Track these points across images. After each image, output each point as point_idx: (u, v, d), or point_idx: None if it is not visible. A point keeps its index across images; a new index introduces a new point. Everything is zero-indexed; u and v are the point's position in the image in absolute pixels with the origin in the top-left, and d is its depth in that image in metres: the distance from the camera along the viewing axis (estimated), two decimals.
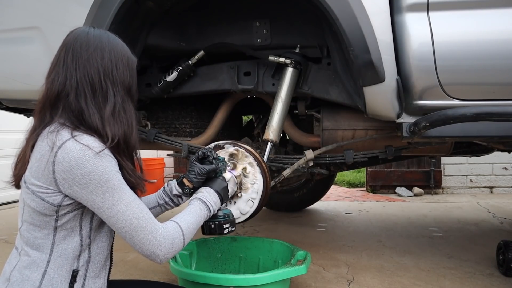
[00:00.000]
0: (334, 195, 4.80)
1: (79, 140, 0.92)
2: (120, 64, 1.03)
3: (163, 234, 0.98)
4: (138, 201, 0.98)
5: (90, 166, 0.91)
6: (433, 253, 2.41)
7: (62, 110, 0.98)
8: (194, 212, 1.12)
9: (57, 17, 1.75)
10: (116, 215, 0.94)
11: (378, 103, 1.62)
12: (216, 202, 1.21)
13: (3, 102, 2.13)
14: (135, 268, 2.19)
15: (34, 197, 0.94)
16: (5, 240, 2.84)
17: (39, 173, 0.93)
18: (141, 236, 0.96)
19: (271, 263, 1.84)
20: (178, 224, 1.03)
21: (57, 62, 1.01)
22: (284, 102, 1.83)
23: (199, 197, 1.18)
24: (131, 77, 1.06)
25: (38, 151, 0.95)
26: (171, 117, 2.32)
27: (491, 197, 4.52)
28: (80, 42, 1.00)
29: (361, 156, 1.97)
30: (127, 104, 1.04)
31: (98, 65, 0.99)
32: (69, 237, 0.97)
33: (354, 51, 1.51)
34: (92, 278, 1.00)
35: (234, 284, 1.43)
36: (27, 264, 0.96)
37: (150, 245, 0.96)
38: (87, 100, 0.97)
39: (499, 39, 1.49)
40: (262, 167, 1.59)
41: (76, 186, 0.92)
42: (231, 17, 1.95)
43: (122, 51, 1.05)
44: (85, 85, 0.98)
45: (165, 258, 0.99)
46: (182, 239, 1.02)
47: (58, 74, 0.99)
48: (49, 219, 0.95)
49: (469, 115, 1.43)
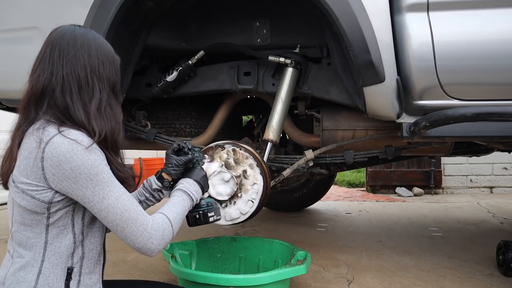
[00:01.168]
0: (334, 195, 4.80)
1: (66, 135, 0.92)
2: (106, 62, 1.04)
3: (153, 226, 0.99)
4: (128, 194, 0.99)
5: (79, 160, 0.91)
6: (433, 253, 2.41)
7: (47, 106, 0.98)
8: (178, 202, 1.12)
9: (57, 17, 1.75)
10: (107, 208, 0.94)
11: (378, 103, 1.62)
12: (197, 191, 1.20)
13: (3, 102, 2.13)
14: (135, 268, 2.19)
15: (24, 195, 0.93)
16: (5, 240, 2.84)
17: (27, 171, 0.93)
18: (132, 229, 0.96)
19: (271, 263, 1.84)
20: (165, 216, 1.04)
21: (43, 58, 1.00)
22: (284, 102, 1.83)
23: (180, 188, 1.18)
24: (116, 75, 1.07)
25: (25, 148, 0.94)
26: (171, 117, 2.32)
27: (491, 197, 4.52)
28: (67, 39, 1.00)
29: (361, 156, 1.97)
30: (113, 101, 1.05)
31: (85, 61, 1.00)
32: (61, 234, 0.97)
33: (354, 51, 1.51)
34: (87, 274, 1.00)
35: (234, 284, 1.43)
36: (21, 265, 0.95)
37: (142, 238, 0.96)
38: (73, 96, 0.98)
39: (499, 39, 1.49)
40: (262, 167, 1.59)
41: (66, 181, 0.92)
42: (231, 17, 1.95)
43: (108, 49, 1.06)
44: (71, 81, 0.98)
45: (157, 250, 0.99)
46: (171, 230, 1.03)
47: (44, 70, 0.99)
48: (41, 217, 0.95)
49: (469, 115, 1.43)
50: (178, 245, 1.79)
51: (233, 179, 1.57)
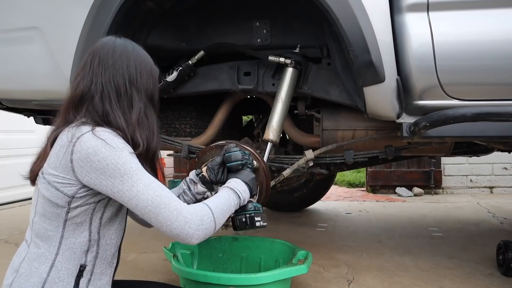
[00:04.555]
0: (334, 195, 4.80)
1: (98, 135, 0.95)
2: (144, 72, 1.07)
3: (189, 210, 0.97)
4: (159, 182, 0.99)
5: (107, 152, 0.93)
6: (433, 253, 2.41)
7: (86, 111, 1.02)
8: (222, 196, 1.12)
9: (57, 17, 1.75)
10: (137, 195, 0.94)
11: (378, 103, 1.62)
12: (245, 191, 1.19)
13: (3, 102, 2.13)
14: (135, 268, 2.19)
15: (49, 186, 0.96)
16: (5, 240, 2.84)
17: (57, 163, 0.96)
18: (166, 213, 0.95)
19: (272, 263, 1.84)
20: (205, 204, 1.04)
21: (84, 66, 1.06)
22: (284, 102, 1.83)
23: (227, 186, 1.17)
24: (154, 86, 1.10)
25: (58, 143, 0.98)
26: (171, 117, 2.32)
27: (491, 197, 4.52)
28: (107, 49, 1.05)
29: (361, 156, 1.97)
30: (150, 111, 1.08)
31: (123, 71, 1.04)
32: (77, 231, 0.98)
33: (354, 51, 1.51)
34: (98, 274, 1.02)
35: (236, 283, 1.43)
36: (36, 256, 0.98)
37: (177, 222, 0.95)
38: (112, 103, 1.02)
39: (499, 39, 1.49)
40: (262, 167, 1.59)
41: (94, 172, 0.93)
42: (231, 17, 1.95)
43: (146, 60, 1.10)
44: (110, 89, 1.02)
45: (196, 235, 0.97)
46: (211, 217, 1.01)
47: (84, 77, 1.04)
48: (61, 211, 0.97)
49: (469, 115, 1.43)
50: (180, 244, 1.79)
51: None
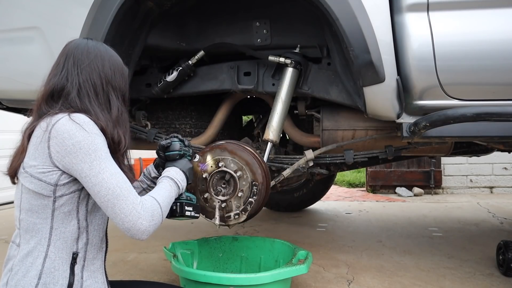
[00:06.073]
0: (334, 195, 4.80)
1: (74, 119, 0.98)
2: (117, 72, 1.13)
3: (143, 205, 1.01)
4: (123, 175, 1.02)
5: (81, 136, 0.97)
6: (433, 253, 2.41)
7: (62, 105, 1.04)
8: (165, 187, 1.16)
9: (57, 17, 1.75)
10: (100, 183, 0.97)
11: (378, 103, 1.62)
12: (183, 179, 1.24)
13: (3, 102, 2.13)
14: (135, 268, 2.19)
15: (32, 179, 0.98)
16: (5, 240, 2.84)
17: (36, 153, 0.99)
18: (122, 206, 0.97)
19: (272, 263, 1.84)
20: (154, 198, 1.07)
21: (57, 66, 1.09)
22: (284, 102, 1.83)
23: (167, 175, 1.21)
24: (125, 85, 1.16)
25: (35, 136, 1.01)
26: (171, 117, 2.32)
27: (491, 197, 4.52)
28: (81, 50, 1.09)
29: (361, 156, 1.97)
30: (124, 109, 1.14)
31: (99, 71, 1.09)
32: (66, 220, 1.01)
33: (354, 51, 1.51)
34: (91, 259, 1.06)
35: (236, 283, 1.43)
36: (28, 251, 1.00)
37: (131, 216, 0.98)
38: (91, 100, 1.06)
39: (499, 39, 1.49)
40: (262, 167, 1.59)
41: (68, 156, 0.96)
42: (231, 17, 1.95)
43: (118, 61, 1.15)
44: (88, 87, 1.07)
45: (147, 231, 1.00)
46: (160, 212, 1.05)
47: (56, 75, 1.07)
48: (47, 201, 0.99)
49: (469, 115, 1.43)
50: (180, 244, 1.80)
51: (233, 178, 1.57)
